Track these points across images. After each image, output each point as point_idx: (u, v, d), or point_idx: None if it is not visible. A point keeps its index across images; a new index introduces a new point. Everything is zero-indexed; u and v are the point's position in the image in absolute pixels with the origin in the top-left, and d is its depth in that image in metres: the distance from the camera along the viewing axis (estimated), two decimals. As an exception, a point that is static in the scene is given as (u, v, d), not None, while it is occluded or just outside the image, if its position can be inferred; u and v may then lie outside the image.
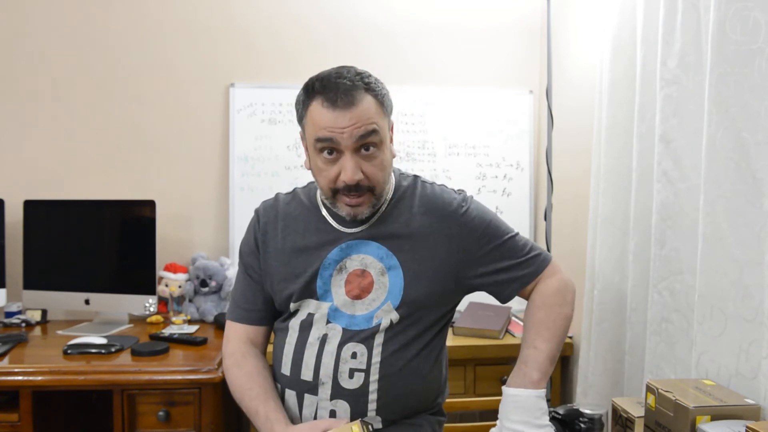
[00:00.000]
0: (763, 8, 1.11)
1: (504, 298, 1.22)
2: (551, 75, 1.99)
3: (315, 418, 1.13)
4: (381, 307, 1.15)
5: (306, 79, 1.13)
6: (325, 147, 1.08)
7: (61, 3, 2.34)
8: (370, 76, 1.12)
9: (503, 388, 1.12)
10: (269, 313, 1.26)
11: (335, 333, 1.14)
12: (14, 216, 2.24)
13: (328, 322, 1.15)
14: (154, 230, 2.12)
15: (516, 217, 2.45)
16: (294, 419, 1.15)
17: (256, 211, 1.28)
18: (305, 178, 2.36)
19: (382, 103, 1.12)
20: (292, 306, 1.19)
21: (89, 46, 2.35)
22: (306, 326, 1.17)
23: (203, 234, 2.41)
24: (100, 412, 1.95)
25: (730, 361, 1.18)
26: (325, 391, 1.12)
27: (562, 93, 2.18)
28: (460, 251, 1.17)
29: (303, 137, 1.17)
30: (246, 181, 2.38)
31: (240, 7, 2.39)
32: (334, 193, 1.12)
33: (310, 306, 1.18)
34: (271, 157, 2.38)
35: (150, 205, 2.13)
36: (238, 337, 1.24)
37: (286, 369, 1.17)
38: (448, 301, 1.21)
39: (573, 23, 2.19)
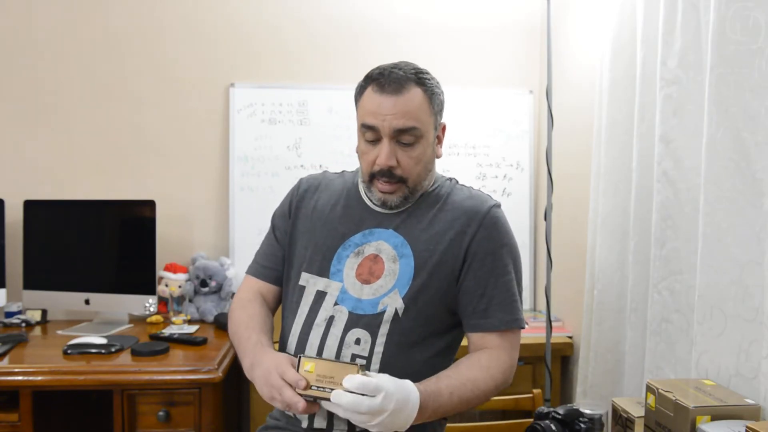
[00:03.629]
0: (763, 8, 1.11)
1: (464, 326, 1.20)
2: (551, 75, 1.99)
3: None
4: (388, 294, 1.16)
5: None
6: (367, 131, 1.15)
7: (61, 3, 2.33)
8: (427, 73, 1.18)
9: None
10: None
11: (341, 316, 1.15)
12: (14, 216, 2.23)
13: (336, 303, 1.17)
14: (154, 230, 2.12)
15: (516, 217, 2.45)
16: None
17: (300, 180, 1.34)
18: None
19: (431, 99, 1.16)
20: (303, 275, 1.22)
21: (89, 46, 2.35)
22: (315, 307, 1.18)
23: (203, 234, 2.40)
24: (100, 412, 1.95)
25: (730, 361, 1.18)
26: None
27: (562, 93, 2.18)
28: (469, 254, 1.17)
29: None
30: (246, 181, 2.37)
31: (240, 7, 2.39)
32: (372, 177, 1.17)
33: (319, 284, 1.20)
34: (271, 157, 2.38)
35: (150, 205, 2.13)
36: (250, 288, 1.30)
37: (291, 347, 1.19)
38: (452, 305, 1.19)
39: (573, 23, 2.19)
